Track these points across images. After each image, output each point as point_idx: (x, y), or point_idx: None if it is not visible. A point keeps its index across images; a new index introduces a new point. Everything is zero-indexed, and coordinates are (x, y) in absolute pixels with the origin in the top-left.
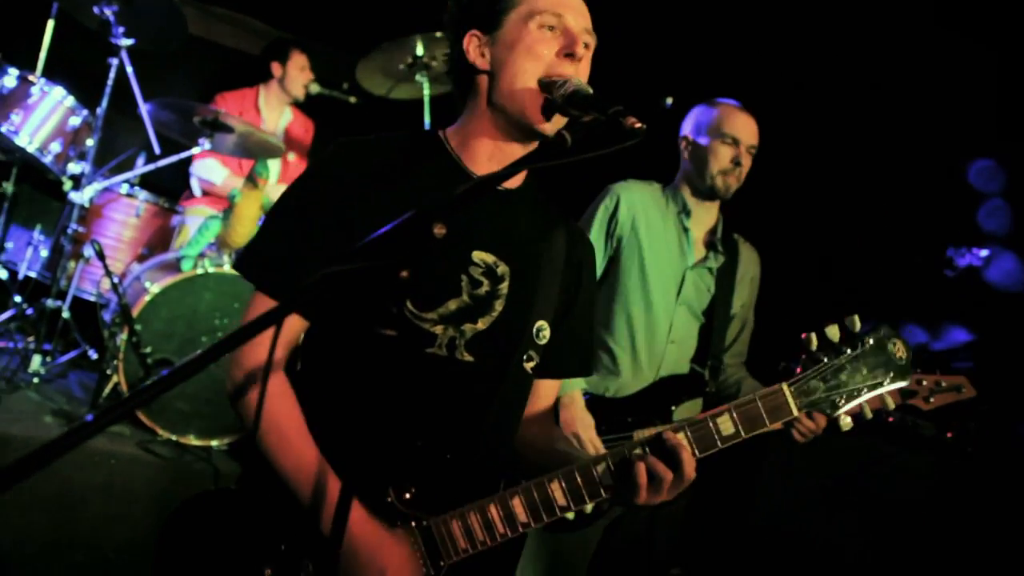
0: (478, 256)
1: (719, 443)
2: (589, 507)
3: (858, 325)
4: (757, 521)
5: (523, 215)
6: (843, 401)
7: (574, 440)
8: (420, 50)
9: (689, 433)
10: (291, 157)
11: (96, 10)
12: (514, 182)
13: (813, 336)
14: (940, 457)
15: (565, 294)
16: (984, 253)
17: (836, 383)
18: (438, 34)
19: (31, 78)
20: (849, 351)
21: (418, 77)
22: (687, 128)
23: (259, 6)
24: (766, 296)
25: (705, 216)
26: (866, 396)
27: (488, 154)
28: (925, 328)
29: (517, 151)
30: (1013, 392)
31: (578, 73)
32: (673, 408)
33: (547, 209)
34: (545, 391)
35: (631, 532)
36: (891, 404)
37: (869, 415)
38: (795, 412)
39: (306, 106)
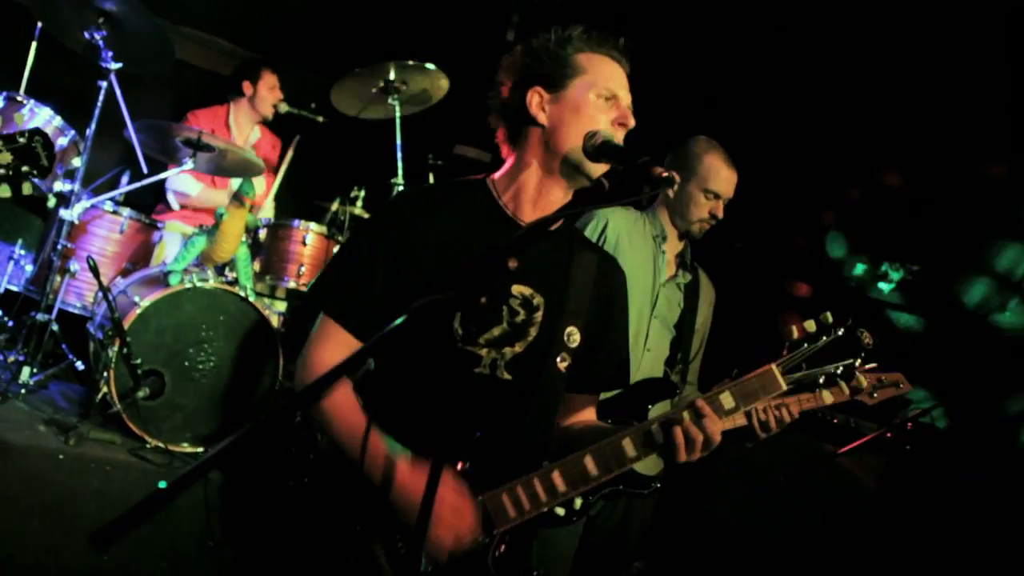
0: (517, 289)
1: (721, 415)
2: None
3: (831, 319)
4: (712, 512)
5: (558, 248)
6: (823, 378)
7: None
8: (392, 75)
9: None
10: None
11: (86, 35)
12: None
13: (794, 327)
14: (882, 454)
15: (596, 309)
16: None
17: (816, 363)
18: (410, 62)
19: (19, 98)
20: (825, 338)
21: (390, 100)
22: (674, 166)
23: (228, 28)
24: (722, 311)
25: (675, 239)
26: (841, 373)
27: (532, 199)
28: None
29: (558, 195)
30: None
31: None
32: (649, 407)
33: (578, 238)
34: (587, 406)
35: (605, 530)
36: (864, 382)
37: (846, 391)
38: (783, 386)
39: (275, 125)
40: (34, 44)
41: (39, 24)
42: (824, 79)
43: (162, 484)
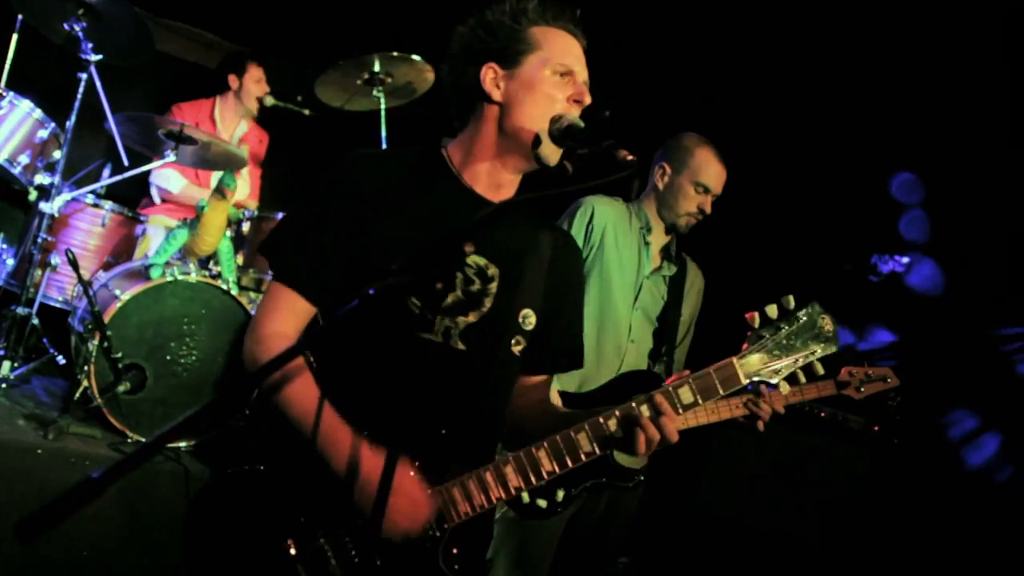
0: (472, 259)
1: (680, 410)
2: (560, 494)
3: (792, 303)
4: (701, 507)
5: (515, 225)
6: (784, 369)
7: None
8: (377, 67)
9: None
10: (244, 170)
11: (66, 26)
12: (504, 196)
13: (756, 315)
14: (869, 448)
15: (552, 289)
16: (906, 260)
17: (776, 354)
18: (395, 53)
19: None
20: (786, 327)
21: (375, 92)
22: (666, 157)
23: (213, 20)
24: (712, 301)
25: (660, 232)
26: (801, 364)
27: (487, 173)
28: (852, 330)
29: (513, 172)
30: (932, 387)
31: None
32: (632, 402)
33: (536, 218)
34: (541, 385)
35: (589, 524)
36: (820, 370)
37: (803, 380)
38: (743, 381)
39: (262, 118)
40: (15, 36)
41: (19, 16)
42: (822, 62)
43: (94, 475)
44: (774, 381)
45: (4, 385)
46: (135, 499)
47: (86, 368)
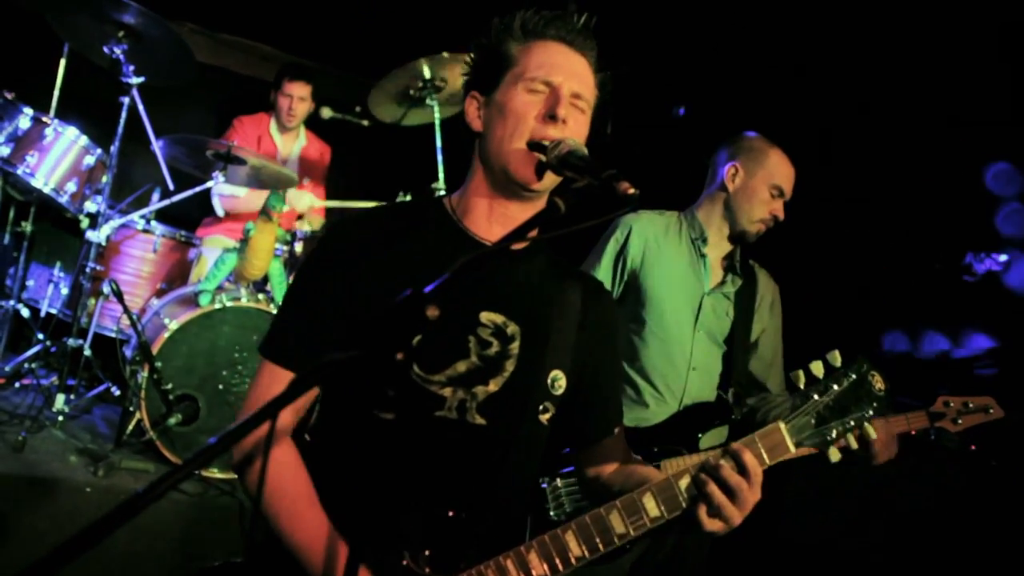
0: (486, 317)
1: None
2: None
3: (839, 360)
4: (784, 535)
5: (532, 273)
6: (832, 434)
7: None
8: (428, 72)
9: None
10: (305, 182)
11: (106, 50)
12: (520, 242)
13: (800, 373)
14: (966, 470)
15: (584, 346)
16: (1003, 258)
17: (825, 417)
18: (445, 54)
19: (45, 119)
20: (835, 387)
21: (428, 100)
22: (738, 157)
23: (269, 32)
24: (791, 309)
25: (722, 241)
26: (853, 426)
27: (486, 214)
28: (946, 335)
29: (514, 209)
30: None
31: (566, 134)
32: (700, 435)
33: (557, 264)
34: (608, 447)
35: (656, 566)
36: (872, 434)
37: (855, 446)
38: (792, 450)
39: (320, 130)
40: (62, 62)
41: (66, 42)
42: (902, 46)
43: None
44: (824, 449)
45: (61, 418)
46: (189, 536)
47: (137, 400)
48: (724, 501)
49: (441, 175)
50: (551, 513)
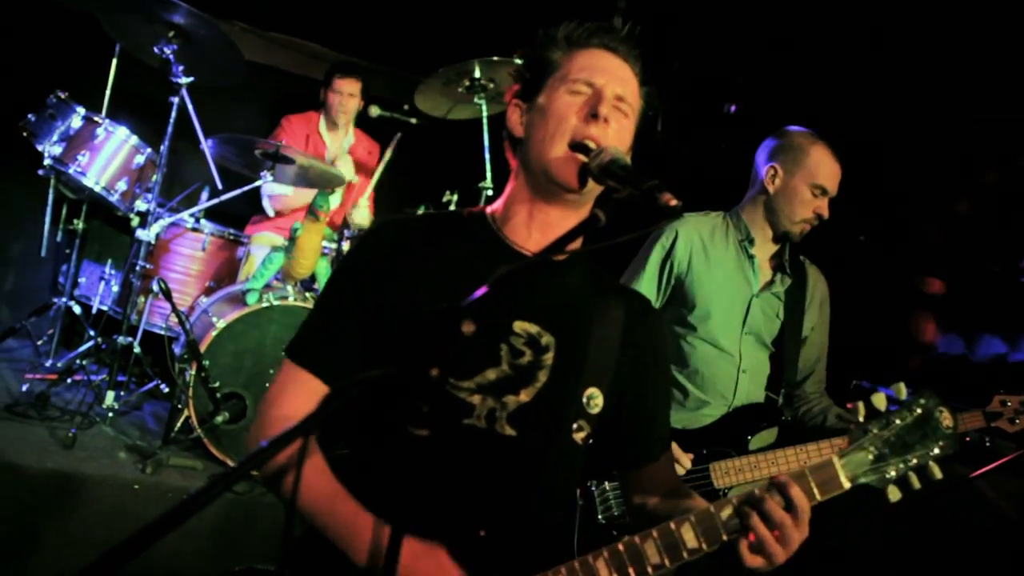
0: (520, 326)
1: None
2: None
3: (904, 393)
4: (831, 545)
5: (571, 284)
6: (892, 472)
7: None
8: (478, 73)
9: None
10: (355, 181)
11: (156, 50)
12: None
13: (861, 405)
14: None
15: (626, 365)
16: None
17: (885, 453)
18: (495, 58)
19: (96, 119)
20: (897, 422)
21: (476, 99)
22: (777, 157)
23: (318, 30)
24: (839, 313)
25: (768, 241)
26: (914, 465)
27: (525, 221)
28: (1003, 338)
29: (554, 215)
30: None
31: (607, 137)
32: (749, 438)
33: (598, 277)
34: (658, 473)
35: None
36: (937, 474)
37: (917, 485)
38: (846, 485)
39: (368, 128)
40: (114, 62)
41: (118, 42)
42: (958, 46)
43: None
44: (882, 486)
45: (111, 414)
46: (235, 534)
47: (185, 398)
48: (767, 536)
49: (488, 173)
50: (599, 516)
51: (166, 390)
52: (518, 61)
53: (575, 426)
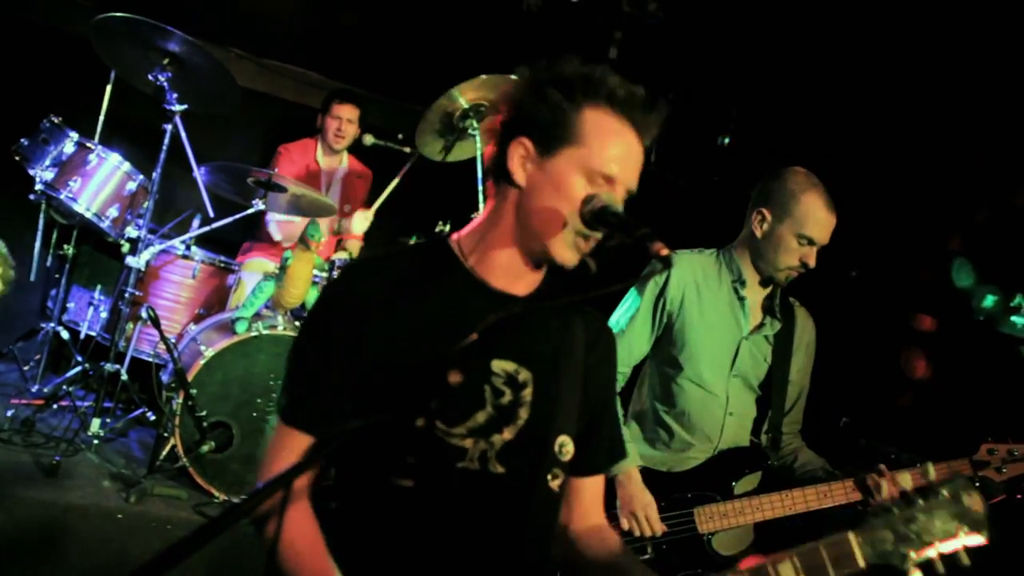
0: (498, 366)
1: None
2: None
3: (932, 473)
4: None
5: (539, 318)
6: (914, 554)
7: (632, 520)
8: (464, 103)
9: None
10: (346, 208)
11: (150, 77)
12: (525, 288)
13: (884, 484)
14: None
15: (589, 397)
16: None
17: (907, 534)
18: (483, 76)
19: (89, 144)
20: (922, 501)
21: (471, 130)
22: (767, 202)
23: (313, 59)
24: (829, 349)
25: (757, 284)
26: (938, 549)
27: (504, 265)
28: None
29: (535, 265)
30: None
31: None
32: (734, 483)
33: (561, 307)
34: (589, 490)
35: None
36: (965, 560)
37: (941, 570)
38: (861, 564)
39: (366, 157)
40: (108, 88)
41: (112, 68)
42: (948, 86)
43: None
44: (903, 566)
45: (96, 442)
46: (218, 565)
47: (172, 426)
48: None
49: (482, 204)
50: None
51: (152, 418)
52: (511, 79)
53: (551, 475)
